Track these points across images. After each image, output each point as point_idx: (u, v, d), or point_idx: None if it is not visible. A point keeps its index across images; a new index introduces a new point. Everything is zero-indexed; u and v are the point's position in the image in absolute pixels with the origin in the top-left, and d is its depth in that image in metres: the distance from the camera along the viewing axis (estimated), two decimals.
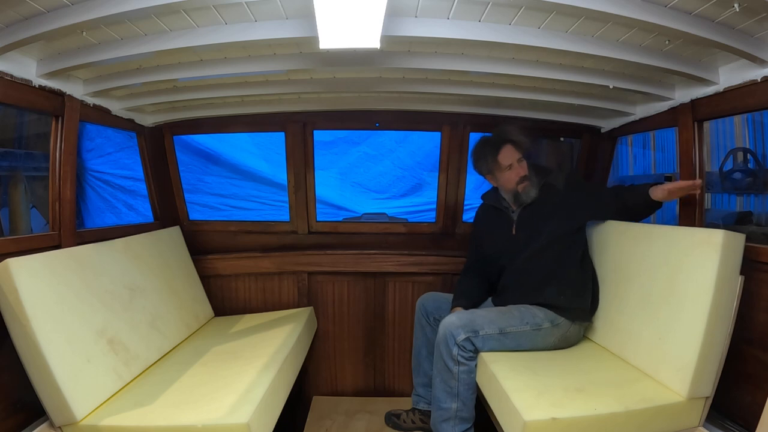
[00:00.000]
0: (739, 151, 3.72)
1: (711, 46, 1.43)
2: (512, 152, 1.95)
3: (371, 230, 2.71)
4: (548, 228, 1.89)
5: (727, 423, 1.54)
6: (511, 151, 1.95)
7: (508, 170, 1.95)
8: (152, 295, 1.97)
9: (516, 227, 1.99)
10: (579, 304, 1.85)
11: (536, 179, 1.96)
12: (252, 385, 1.55)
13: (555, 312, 1.80)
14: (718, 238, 1.42)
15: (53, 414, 1.39)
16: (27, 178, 3.89)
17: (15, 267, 1.35)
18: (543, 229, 1.90)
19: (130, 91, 2.03)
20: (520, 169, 1.95)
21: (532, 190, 1.94)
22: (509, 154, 1.95)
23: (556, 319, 1.80)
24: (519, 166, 1.95)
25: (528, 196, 1.95)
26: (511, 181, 1.96)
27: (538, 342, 1.78)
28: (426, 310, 2.10)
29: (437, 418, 1.77)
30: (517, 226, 1.99)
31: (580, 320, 1.86)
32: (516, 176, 1.95)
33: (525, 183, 1.94)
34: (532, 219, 1.95)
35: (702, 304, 1.41)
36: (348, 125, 2.79)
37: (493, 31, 1.44)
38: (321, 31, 1.29)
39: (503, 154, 1.95)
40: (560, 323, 1.80)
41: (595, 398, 1.42)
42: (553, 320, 1.79)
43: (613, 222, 1.95)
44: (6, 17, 1.30)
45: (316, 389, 2.60)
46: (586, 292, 1.88)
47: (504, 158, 1.95)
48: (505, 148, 1.95)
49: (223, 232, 2.68)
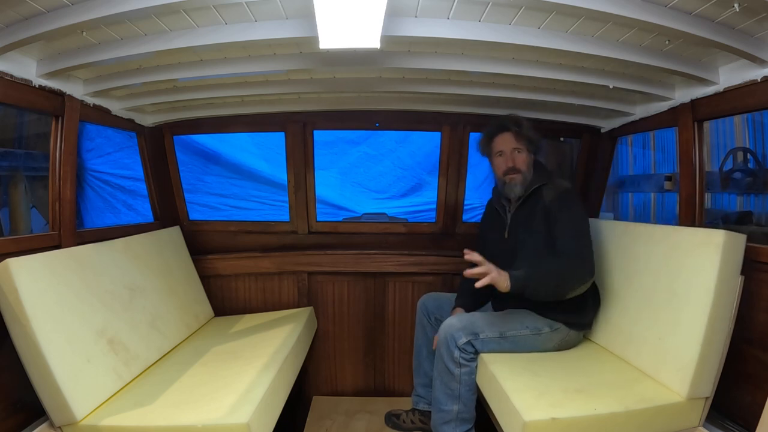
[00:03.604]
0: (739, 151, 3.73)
1: (711, 46, 1.43)
2: (510, 140, 1.87)
3: (371, 230, 2.71)
4: (531, 238, 1.81)
5: (727, 423, 1.54)
6: (509, 139, 1.88)
7: (499, 156, 1.90)
8: (152, 295, 1.97)
9: (508, 231, 1.93)
10: (577, 319, 1.81)
11: (529, 178, 1.87)
12: (252, 385, 1.55)
13: (554, 320, 1.78)
14: (719, 239, 1.42)
15: (53, 414, 1.39)
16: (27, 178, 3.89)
17: (15, 267, 1.35)
18: (526, 238, 1.83)
19: (130, 91, 2.03)
20: (511, 160, 1.86)
21: (518, 187, 1.86)
22: (506, 141, 1.88)
23: (555, 324, 1.78)
24: (513, 156, 1.87)
25: (512, 191, 1.87)
26: (499, 169, 1.90)
27: (537, 346, 1.78)
28: (427, 310, 2.10)
29: (438, 420, 1.76)
30: (509, 230, 1.93)
31: (578, 329, 1.85)
32: (505, 165, 1.87)
33: (513, 175, 1.85)
34: (520, 225, 1.88)
35: (702, 304, 1.41)
36: (348, 125, 2.79)
37: (493, 31, 1.44)
38: (321, 31, 1.29)
39: (499, 139, 1.90)
40: (559, 328, 1.79)
41: (595, 398, 1.42)
42: (552, 325, 1.78)
43: (613, 222, 1.96)
44: (6, 17, 1.30)
45: (316, 389, 2.60)
46: (585, 307, 1.82)
47: (498, 143, 1.90)
48: (504, 135, 1.89)
49: (223, 232, 2.68)
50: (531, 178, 1.88)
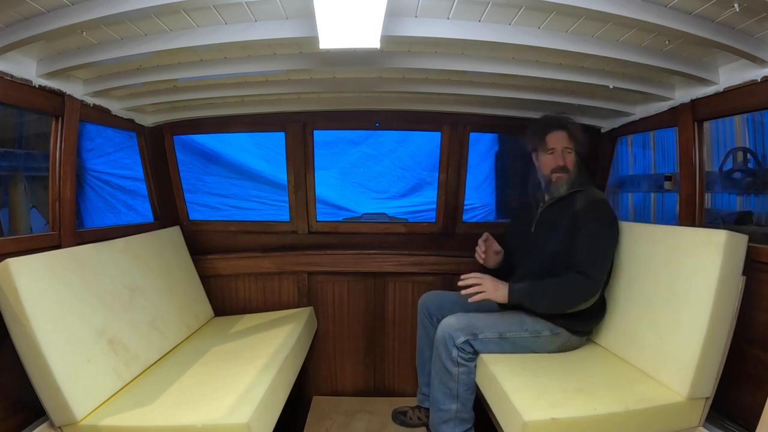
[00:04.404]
0: (739, 150, 3.72)
1: (711, 46, 1.43)
2: (563, 139, 1.87)
3: (371, 230, 2.70)
4: (552, 239, 1.82)
5: (727, 423, 1.54)
6: (563, 138, 1.87)
7: (550, 154, 1.89)
8: (152, 295, 1.97)
9: (535, 226, 1.93)
10: (580, 326, 1.80)
11: (574, 180, 1.87)
12: (252, 385, 1.54)
13: (556, 324, 1.77)
14: (720, 239, 1.42)
15: (53, 414, 1.39)
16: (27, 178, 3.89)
17: (15, 267, 1.35)
18: (549, 238, 1.83)
19: (130, 91, 2.03)
20: (561, 159, 1.86)
21: (563, 186, 1.86)
22: (559, 139, 1.87)
23: (556, 328, 1.77)
24: (563, 155, 1.87)
25: (557, 190, 1.87)
26: (548, 166, 1.89)
27: (537, 348, 1.77)
28: (428, 311, 2.09)
29: (437, 420, 1.76)
30: (536, 225, 1.93)
31: (581, 335, 1.84)
32: (554, 163, 1.87)
33: (561, 174, 1.86)
34: (546, 224, 1.88)
35: (703, 304, 1.41)
36: (348, 125, 2.79)
37: (493, 31, 1.44)
38: (321, 31, 1.29)
39: (553, 136, 1.88)
40: (560, 333, 1.78)
41: (595, 398, 1.42)
42: (553, 329, 1.77)
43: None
44: (6, 17, 1.30)
45: (316, 389, 2.60)
46: (590, 315, 1.81)
47: (552, 140, 1.88)
48: (559, 132, 1.88)
49: (223, 232, 2.68)
50: (574, 180, 1.88)
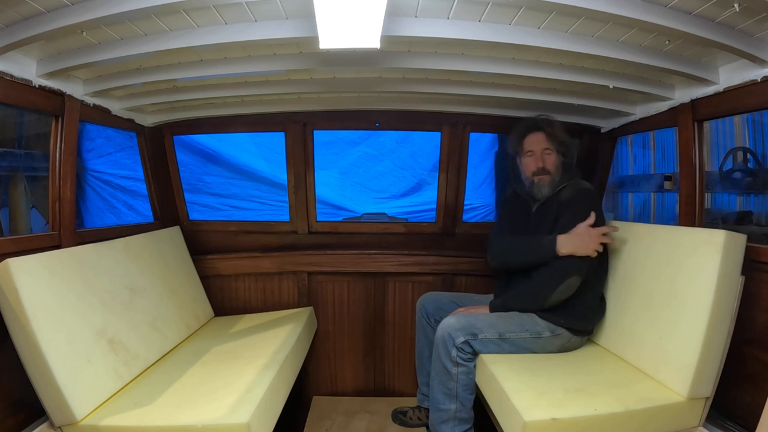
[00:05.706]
0: (739, 150, 3.72)
1: (711, 46, 1.43)
2: (541, 141, 1.89)
3: (371, 230, 2.70)
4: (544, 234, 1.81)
5: (727, 423, 1.54)
6: (540, 140, 1.89)
7: (529, 156, 1.90)
8: (152, 295, 1.97)
9: (531, 222, 1.93)
10: (581, 326, 1.80)
11: (557, 178, 1.88)
12: (252, 385, 1.55)
13: (556, 324, 1.78)
14: (719, 239, 1.42)
15: (53, 414, 1.39)
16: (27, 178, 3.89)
17: (15, 267, 1.35)
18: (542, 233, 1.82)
19: (130, 91, 2.03)
20: (541, 161, 1.88)
21: (546, 188, 1.87)
22: (536, 141, 1.89)
23: (557, 329, 1.77)
24: (542, 157, 1.88)
25: (540, 191, 1.88)
26: (528, 169, 1.91)
27: (537, 349, 1.77)
28: (427, 312, 2.09)
29: (436, 420, 1.77)
30: (531, 222, 1.93)
31: (582, 335, 1.84)
32: (534, 165, 1.88)
33: (542, 176, 1.87)
34: (540, 222, 1.88)
35: (703, 304, 1.42)
36: (348, 125, 2.79)
37: (493, 31, 1.44)
38: (321, 31, 1.28)
39: (530, 139, 1.90)
40: (561, 333, 1.78)
41: (595, 398, 1.42)
42: (554, 330, 1.77)
43: (613, 222, 1.95)
44: (6, 17, 1.30)
45: (316, 389, 2.60)
46: (591, 313, 1.82)
47: (529, 143, 1.90)
48: (536, 134, 1.90)
49: (223, 232, 2.68)
50: (558, 179, 1.88)
